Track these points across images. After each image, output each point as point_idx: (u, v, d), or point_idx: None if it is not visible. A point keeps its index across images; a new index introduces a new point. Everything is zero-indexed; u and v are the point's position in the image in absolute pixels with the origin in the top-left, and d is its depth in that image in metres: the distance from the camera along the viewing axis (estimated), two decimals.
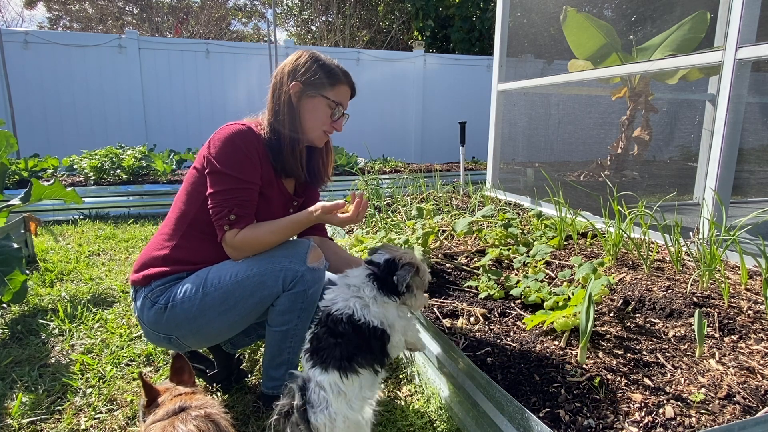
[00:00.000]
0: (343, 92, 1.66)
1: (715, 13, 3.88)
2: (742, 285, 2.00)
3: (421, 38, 12.41)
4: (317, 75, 1.60)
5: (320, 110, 1.63)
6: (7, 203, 3.21)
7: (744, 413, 1.25)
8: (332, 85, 1.62)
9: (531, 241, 2.70)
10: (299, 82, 1.59)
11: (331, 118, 1.65)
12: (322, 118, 1.64)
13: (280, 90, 1.62)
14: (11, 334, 2.33)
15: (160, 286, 1.55)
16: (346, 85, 1.66)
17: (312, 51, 1.66)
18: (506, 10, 4.33)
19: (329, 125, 1.66)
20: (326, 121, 1.65)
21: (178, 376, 1.26)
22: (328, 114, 1.64)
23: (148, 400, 1.17)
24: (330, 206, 1.57)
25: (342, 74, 1.65)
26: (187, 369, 1.28)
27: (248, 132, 1.56)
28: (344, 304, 1.32)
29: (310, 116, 1.62)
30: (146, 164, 6.02)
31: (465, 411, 1.53)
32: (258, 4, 19.09)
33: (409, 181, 5.03)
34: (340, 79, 1.64)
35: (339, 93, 1.64)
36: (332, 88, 1.62)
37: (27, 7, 17.72)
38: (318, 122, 1.64)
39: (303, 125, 1.63)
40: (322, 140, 1.70)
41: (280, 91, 1.61)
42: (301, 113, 1.62)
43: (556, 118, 5.08)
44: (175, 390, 1.19)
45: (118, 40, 8.19)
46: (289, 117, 1.60)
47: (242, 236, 1.51)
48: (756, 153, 4.10)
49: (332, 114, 1.64)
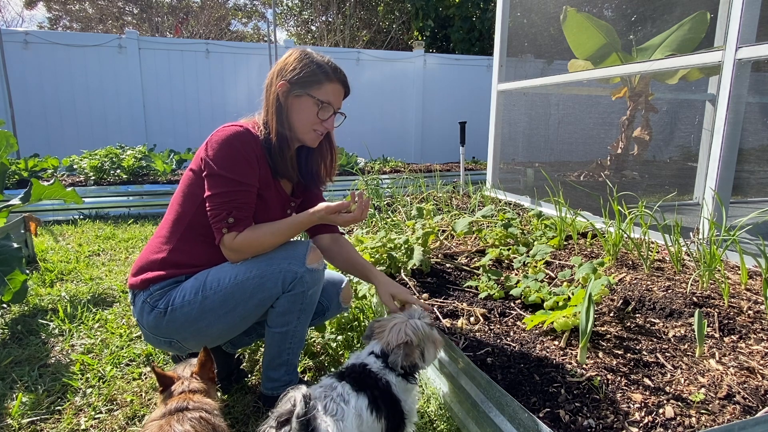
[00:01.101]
0: (332, 90, 1.58)
1: (715, 13, 3.88)
2: (742, 285, 2.00)
3: (421, 38, 12.41)
4: (303, 73, 1.54)
5: (307, 110, 1.57)
6: (7, 203, 3.21)
7: (744, 413, 1.25)
8: (320, 83, 1.55)
9: (531, 241, 2.70)
10: (286, 81, 1.55)
11: (320, 118, 1.58)
12: (311, 118, 1.57)
13: (269, 89, 1.59)
14: (11, 334, 2.33)
15: (158, 291, 1.54)
16: (337, 82, 1.59)
17: (303, 48, 1.61)
18: (506, 10, 4.33)
19: (320, 125, 1.60)
20: (315, 120, 1.58)
21: (200, 369, 1.28)
22: (315, 113, 1.57)
23: (162, 387, 1.22)
24: (335, 206, 1.55)
25: (331, 71, 1.57)
26: (210, 365, 1.30)
27: (245, 133, 1.53)
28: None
29: (297, 116, 1.57)
30: (146, 164, 6.02)
31: (465, 411, 1.53)
32: (258, 4, 19.09)
33: (409, 181, 5.03)
34: (329, 77, 1.56)
35: (328, 91, 1.57)
36: (320, 86, 1.56)
37: (27, 7, 17.72)
38: (307, 122, 1.58)
39: (291, 125, 1.58)
40: (315, 141, 1.64)
41: (269, 90, 1.58)
42: (289, 113, 1.58)
43: (556, 118, 5.08)
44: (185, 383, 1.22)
45: (118, 40, 8.19)
46: (277, 117, 1.57)
47: (242, 239, 1.50)
48: (756, 153, 4.10)
49: (318, 113, 1.57)
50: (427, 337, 1.37)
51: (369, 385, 1.22)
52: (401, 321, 1.37)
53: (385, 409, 1.21)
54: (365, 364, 1.29)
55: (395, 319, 1.38)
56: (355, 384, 1.20)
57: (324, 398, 1.15)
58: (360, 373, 1.25)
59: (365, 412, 1.15)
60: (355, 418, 1.13)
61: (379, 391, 1.22)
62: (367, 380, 1.24)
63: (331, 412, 1.11)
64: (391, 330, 1.34)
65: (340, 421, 1.10)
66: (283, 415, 1.03)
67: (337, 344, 2.04)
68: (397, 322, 1.36)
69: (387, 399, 1.23)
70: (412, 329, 1.34)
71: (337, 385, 1.19)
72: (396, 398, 1.26)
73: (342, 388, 1.18)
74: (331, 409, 1.12)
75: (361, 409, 1.15)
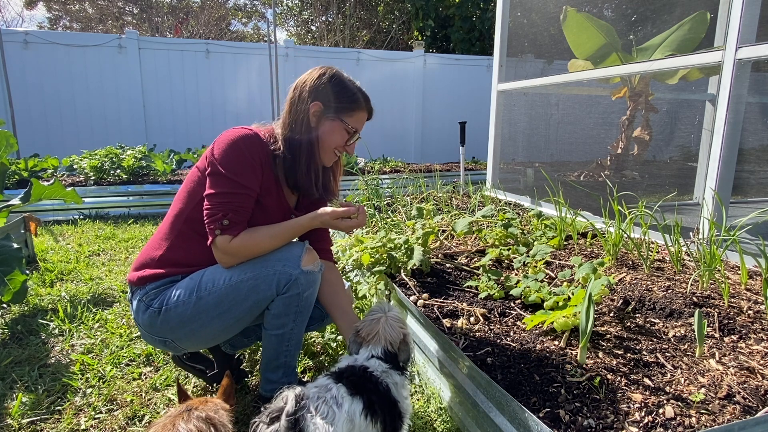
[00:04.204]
0: (361, 118, 1.65)
1: (715, 13, 3.88)
2: (742, 285, 2.00)
3: (421, 38, 12.41)
4: (339, 98, 1.58)
5: (337, 133, 1.60)
6: (7, 203, 3.21)
7: (744, 413, 1.25)
8: (353, 110, 1.60)
9: (531, 241, 2.70)
10: (320, 102, 1.57)
11: (345, 142, 1.63)
12: (338, 142, 1.61)
13: (298, 107, 1.58)
14: (11, 334, 2.33)
15: (154, 290, 1.54)
16: (365, 111, 1.65)
17: (335, 70, 1.62)
18: (506, 10, 4.33)
19: (342, 148, 1.65)
20: (341, 144, 1.62)
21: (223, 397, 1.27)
22: (345, 138, 1.62)
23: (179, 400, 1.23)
24: (341, 212, 1.55)
25: (363, 100, 1.63)
26: (232, 394, 1.29)
27: (254, 137, 1.53)
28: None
29: (326, 138, 1.60)
30: (146, 164, 6.02)
31: (465, 411, 1.53)
32: (258, 4, 19.09)
33: (409, 181, 5.03)
34: (361, 105, 1.62)
35: (358, 119, 1.63)
36: (352, 113, 1.60)
37: (27, 7, 17.72)
38: (332, 144, 1.62)
39: (318, 145, 1.61)
40: (331, 161, 1.68)
41: (299, 108, 1.58)
42: (318, 134, 1.60)
43: (556, 118, 5.08)
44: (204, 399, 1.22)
45: (118, 40, 8.19)
46: (306, 137, 1.58)
47: (240, 242, 1.49)
48: (756, 153, 4.10)
49: (348, 139, 1.63)
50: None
51: (367, 389, 1.20)
52: (382, 317, 1.36)
53: (382, 413, 1.20)
54: (366, 367, 1.27)
55: (376, 316, 1.37)
56: (352, 387, 1.18)
57: (317, 399, 1.13)
58: (360, 377, 1.23)
59: (358, 417, 1.14)
60: (346, 422, 1.12)
61: (377, 395, 1.21)
62: (367, 384, 1.22)
63: (321, 414, 1.10)
64: (384, 330, 1.34)
65: (330, 424, 1.09)
66: (274, 412, 1.05)
67: (337, 344, 2.04)
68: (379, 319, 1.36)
69: (385, 403, 1.22)
70: (399, 321, 1.37)
71: (333, 386, 1.18)
72: (394, 401, 1.26)
73: (337, 390, 1.16)
74: (322, 411, 1.11)
75: (354, 413, 1.14)
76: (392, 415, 1.24)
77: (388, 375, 1.28)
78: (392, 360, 1.31)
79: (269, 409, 1.07)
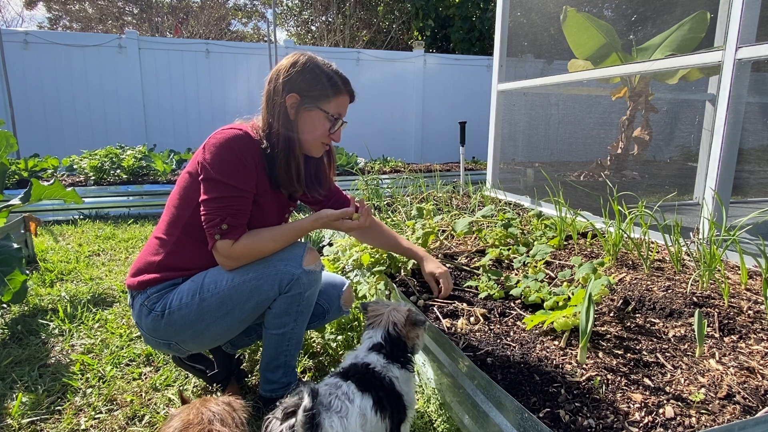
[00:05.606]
0: (342, 102, 1.57)
1: (715, 13, 3.88)
2: (742, 285, 2.00)
3: (421, 38, 12.41)
4: (316, 86, 1.51)
5: (318, 124, 1.54)
6: (7, 203, 3.21)
7: (744, 413, 1.25)
8: (331, 96, 1.53)
9: (531, 241, 2.70)
10: (296, 93, 1.50)
11: (330, 131, 1.57)
12: (321, 132, 1.55)
13: (274, 100, 1.52)
14: (11, 334, 2.33)
15: (155, 293, 1.53)
16: (346, 94, 1.58)
17: (309, 56, 1.54)
18: (506, 10, 4.33)
19: (328, 138, 1.59)
20: (325, 134, 1.57)
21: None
22: (327, 128, 1.56)
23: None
24: (338, 214, 1.53)
25: (342, 83, 1.55)
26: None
27: (245, 137, 1.49)
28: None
29: (307, 130, 1.54)
30: (146, 164, 6.02)
31: (465, 411, 1.53)
32: (258, 4, 19.09)
33: (409, 181, 5.03)
34: (340, 90, 1.55)
35: (339, 104, 1.56)
36: (331, 99, 1.53)
37: (27, 7, 17.72)
38: (317, 136, 1.56)
39: (300, 138, 1.55)
40: (319, 152, 1.63)
41: (275, 101, 1.52)
42: (298, 127, 1.54)
43: (556, 118, 5.08)
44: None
45: (118, 40, 8.19)
46: (285, 131, 1.52)
47: (242, 246, 1.47)
48: (756, 153, 4.10)
49: (331, 127, 1.57)
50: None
51: (374, 385, 1.23)
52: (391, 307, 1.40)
53: (390, 407, 1.23)
54: (368, 363, 1.29)
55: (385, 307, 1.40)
56: (360, 384, 1.21)
57: (329, 395, 1.17)
58: (364, 373, 1.26)
59: (369, 411, 1.17)
60: (359, 416, 1.15)
61: (384, 391, 1.24)
62: (372, 380, 1.25)
63: (335, 409, 1.13)
64: (389, 314, 1.37)
65: (345, 418, 1.12)
66: (290, 407, 1.05)
67: (337, 344, 2.04)
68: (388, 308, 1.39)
69: (391, 397, 1.25)
70: (406, 308, 1.40)
71: (342, 384, 1.21)
72: (399, 394, 1.28)
73: (347, 387, 1.20)
74: (336, 406, 1.13)
75: (366, 408, 1.17)
76: (398, 407, 1.27)
77: (388, 369, 1.30)
78: (392, 348, 1.33)
79: (283, 404, 1.07)
